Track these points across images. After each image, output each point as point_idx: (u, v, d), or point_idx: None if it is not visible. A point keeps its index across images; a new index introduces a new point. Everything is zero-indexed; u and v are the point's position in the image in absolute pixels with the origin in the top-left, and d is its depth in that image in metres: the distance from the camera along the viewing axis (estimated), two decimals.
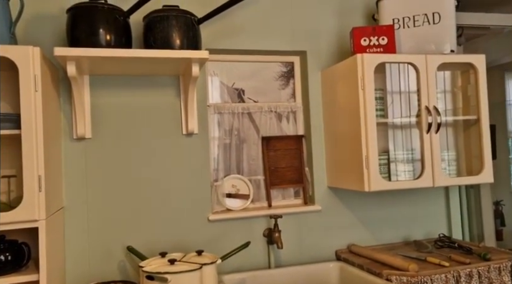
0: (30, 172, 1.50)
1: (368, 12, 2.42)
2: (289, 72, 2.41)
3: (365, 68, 1.93)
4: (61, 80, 1.93)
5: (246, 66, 2.34)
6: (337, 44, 2.37)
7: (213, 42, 2.17)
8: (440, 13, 2.09)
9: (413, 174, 2.13)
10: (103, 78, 1.99)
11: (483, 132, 2.07)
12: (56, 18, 1.93)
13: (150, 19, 1.82)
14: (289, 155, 2.32)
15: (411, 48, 2.14)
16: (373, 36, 2.05)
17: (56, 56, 1.60)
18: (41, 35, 1.91)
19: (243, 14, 2.22)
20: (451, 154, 2.23)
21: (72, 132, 1.93)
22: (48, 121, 1.65)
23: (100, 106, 1.98)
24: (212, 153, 2.23)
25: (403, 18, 2.15)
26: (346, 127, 2.07)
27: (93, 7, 1.69)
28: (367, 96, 1.93)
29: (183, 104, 2.09)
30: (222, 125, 2.27)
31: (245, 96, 2.33)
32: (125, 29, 1.79)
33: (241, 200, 2.23)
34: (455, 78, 2.38)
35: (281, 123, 2.36)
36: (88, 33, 1.68)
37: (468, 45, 3.59)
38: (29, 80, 1.51)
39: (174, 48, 1.79)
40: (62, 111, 1.93)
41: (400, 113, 2.24)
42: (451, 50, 2.09)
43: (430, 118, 1.99)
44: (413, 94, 2.20)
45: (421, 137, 2.01)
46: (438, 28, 2.09)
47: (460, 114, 2.30)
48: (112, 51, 1.66)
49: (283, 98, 2.39)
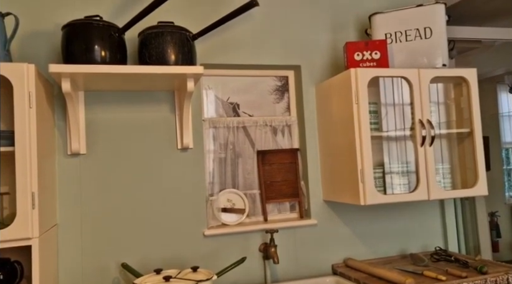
0: (24, 189, 1.49)
1: (361, 26, 2.45)
2: (283, 86, 2.43)
3: (358, 82, 1.95)
4: (55, 95, 1.93)
5: (241, 80, 2.36)
6: (330, 58, 2.39)
7: (208, 57, 2.18)
8: (432, 28, 2.12)
9: (408, 187, 2.14)
10: (97, 94, 1.99)
11: (476, 145, 2.09)
12: (52, 34, 1.94)
13: (145, 35, 1.83)
14: (284, 169, 2.32)
15: (404, 62, 2.16)
16: (366, 50, 2.07)
17: (51, 73, 1.60)
18: (36, 52, 1.91)
19: (237, 30, 2.24)
20: (445, 167, 2.24)
21: (66, 148, 1.92)
22: (42, 137, 1.64)
23: (95, 121, 1.98)
24: (207, 167, 2.23)
25: (395, 33, 2.18)
26: (340, 141, 2.08)
27: (88, 23, 1.71)
28: (361, 110, 1.94)
29: (178, 119, 2.09)
30: (217, 139, 2.27)
31: (240, 110, 2.34)
32: (120, 45, 1.80)
33: (237, 215, 2.22)
34: (448, 90, 2.40)
35: (276, 137, 2.37)
36: (83, 49, 1.68)
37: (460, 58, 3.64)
38: (23, 96, 1.51)
39: (169, 64, 1.80)
40: (56, 127, 1.92)
41: (394, 125, 2.26)
42: (443, 64, 2.12)
43: (424, 131, 2.00)
44: (407, 106, 2.22)
45: (416, 151, 2.02)
46: (430, 43, 2.12)
47: (454, 127, 2.32)
48: (107, 67, 1.67)
49: (277, 111, 2.40)
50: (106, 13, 2.03)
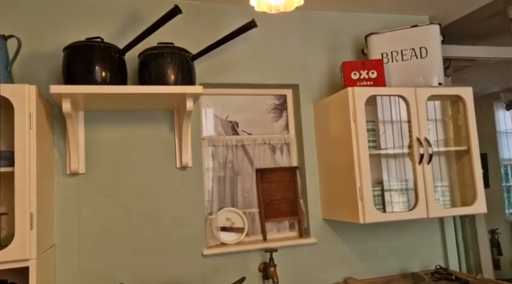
0: (22, 210, 1.48)
1: (357, 46, 2.49)
2: (282, 104, 2.45)
3: (356, 101, 1.97)
4: (56, 115, 1.94)
5: (240, 99, 2.38)
6: (328, 77, 2.42)
7: (207, 77, 2.21)
8: (427, 48, 2.16)
9: (407, 205, 2.14)
10: (97, 113, 2.01)
11: (474, 163, 2.10)
12: (53, 56, 1.97)
13: (145, 56, 1.86)
14: (283, 187, 2.33)
15: (400, 80, 2.19)
16: (363, 70, 2.10)
17: (52, 94, 1.62)
18: (37, 73, 1.93)
19: (236, 49, 2.27)
20: (444, 185, 2.24)
21: (65, 167, 1.92)
22: (42, 157, 1.65)
23: (94, 141, 1.99)
24: (206, 186, 2.23)
25: (391, 52, 2.21)
26: (339, 159, 2.08)
27: (89, 45, 1.73)
28: (359, 128, 1.96)
29: (177, 138, 2.10)
30: (216, 158, 2.28)
31: (239, 129, 2.36)
32: (120, 66, 1.82)
33: (236, 234, 2.21)
34: (445, 107, 2.42)
35: (275, 155, 2.38)
36: (83, 70, 1.71)
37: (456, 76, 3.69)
38: (24, 117, 1.52)
39: (168, 84, 1.82)
40: (56, 146, 1.93)
41: (392, 143, 2.27)
42: (439, 82, 2.15)
43: (422, 149, 2.01)
44: (404, 123, 2.24)
45: (414, 168, 2.03)
46: (425, 62, 2.16)
47: (452, 145, 2.33)
48: (107, 88, 1.69)
49: (276, 130, 2.41)
50: (107, 34, 2.06)
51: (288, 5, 1.28)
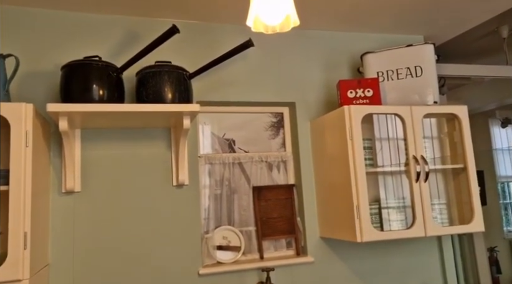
0: (16, 229, 1.47)
1: (353, 64, 2.52)
2: (278, 122, 2.46)
3: (352, 119, 1.98)
4: (52, 133, 1.94)
5: (237, 117, 2.39)
6: (324, 95, 2.44)
7: (204, 94, 2.22)
8: (422, 67, 2.19)
9: (405, 223, 2.13)
10: (94, 131, 2.01)
11: (470, 181, 2.10)
12: (51, 74, 1.98)
13: (143, 74, 1.87)
14: (280, 205, 2.31)
15: (396, 99, 2.21)
16: (359, 88, 2.12)
17: (49, 112, 1.62)
18: (34, 91, 1.94)
19: (233, 68, 2.29)
20: (441, 202, 2.23)
21: (61, 186, 1.91)
22: (37, 176, 1.64)
23: (90, 159, 1.98)
24: (202, 204, 2.21)
25: (386, 71, 2.24)
26: (336, 177, 2.08)
27: (87, 64, 1.75)
28: (355, 146, 1.96)
29: (174, 155, 2.10)
30: (212, 175, 2.27)
31: (236, 146, 2.36)
32: (118, 84, 1.83)
33: (233, 253, 2.18)
34: (441, 124, 2.44)
35: (271, 173, 2.37)
36: (81, 89, 1.71)
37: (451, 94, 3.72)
38: (20, 135, 1.52)
39: (166, 102, 1.83)
40: (52, 164, 1.92)
41: (389, 160, 2.27)
42: (434, 101, 2.17)
43: (418, 167, 2.01)
44: (400, 141, 2.25)
45: (411, 186, 2.03)
46: (420, 81, 2.18)
47: (448, 163, 2.33)
48: (104, 106, 1.69)
49: (273, 147, 2.42)
50: (105, 53, 2.08)
51: (285, 26, 1.30)
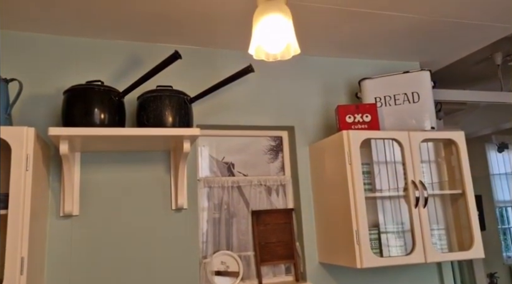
0: (13, 254, 1.45)
1: (351, 90, 2.56)
2: (277, 146, 2.47)
3: (351, 144, 2.00)
4: (52, 157, 1.94)
5: (236, 140, 2.40)
6: (323, 119, 2.46)
7: (204, 118, 2.24)
8: (419, 93, 2.22)
9: (404, 249, 2.12)
10: (94, 154, 2.01)
11: (469, 207, 2.10)
12: (52, 98, 1.99)
13: (144, 99, 1.89)
14: (279, 229, 2.30)
15: (394, 124, 2.23)
16: (357, 113, 2.15)
17: (50, 136, 1.63)
18: (36, 114, 1.95)
19: (233, 92, 2.32)
20: (440, 228, 2.23)
21: (59, 209, 1.90)
22: (36, 200, 1.63)
23: (90, 182, 1.98)
24: (201, 228, 2.20)
25: (384, 96, 2.27)
26: (335, 202, 2.08)
27: (90, 88, 1.77)
28: (354, 171, 1.97)
29: (173, 179, 2.10)
30: (211, 199, 2.27)
31: (235, 170, 2.36)
32: (119, 108, 1.85)
33: (231, 278, 2.15)
34: (438, 149, 2.45)
35: (270, 197, 2.37)
36: (83, 113, 1.73)
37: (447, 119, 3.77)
38: (21, 159, 1.52)
39: (166, 126, 1.84)
40: (50, 188, 1.91)
41: (387, 185, 2.28)
42: (431, 126, 2.19)
43: (417, 192, 2.02)
44: (399, 164, 2.26)
45: (410, 212, 2.03)
46: (418, 107, 2.21)
47: (446, 188, 2.34)
48: (105, 130, 1.70)
49: (272, 171, 2.42)
50: (107, 77, 2.10)
51: (285, 54, 1.33)
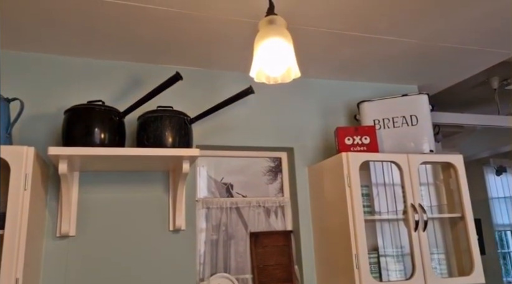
0: (8, 275, 1.43)
1: (350, 112, 2.58)
2: (277, 167, 2.47)
3: (350, 166, 2.00)
4: (50, 176, 1.93)
5: (235, 161, 2.40)
6: (322, 141, 2.47)
7: (203, 138, 2.24)
8: (417, 116, 2.24)
9: (404, 274, 2.09)
10: (92, 174, 2.00)
11: (469, 231, 2.09)
12: (52, 117, 2.00)
13: (145, 119, 1.90)
14: (277, 252, 2.27)
15: (392, 146, 2.24)
16: (356, 135, 2.16)
17: (50, 155, 1.62)
18: (36, 133, 1.95)
19: (233, 113, 2.33)
20: (440, 252, 2.21)
21: (56, 229, 1.88)
22: (33, 220, 1.61)
23: (87, 202, 1.96)
24: (198, 250, 2.17)
25: (383, 119, 2.29)
26: (334, 224, 2.07)
27: (90, 108, 1.77)
28: (353, 193, 1.96)
29: (171, 199, 2.09)
30: (209, 220, 2.25)
31: (234, 191, 2.35)
32: (119, 128, 1.85)
33: None
34: (436, 171, 2.46)
35: (269, 218, 2.35)
36: (83, 133, 1.73)
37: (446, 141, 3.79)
38: (20, 179, 1.51)
39: (166, 146, 1.84)
40: (48, 207, 1.90)
41: (386, 207, 2.27)
42: (430, 149, 2.20)
43: (417, 215, 2.01)
44: (397, 186, 2.26)
45: (410, 235, 2.01)
46: (416, 130, 2.23)
47: (445, 211, 2.33)
48: (105, 150, 1.70)
49: (271, 192, 2.41)
50: (108, 96, 2.12)
51: (286, 77, 1.34)
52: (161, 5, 1.67)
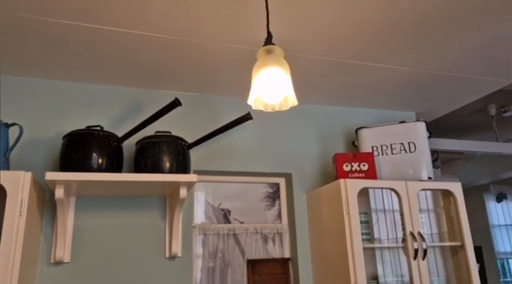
0: None
1: (348, 138, 2.58)
2: (275, 193, 2.46)
3: (348, 193, 1.99)
4: (46, 201, 1.92)
5: (233, 186, 2.39)
6: (320, 167, 2.47)
7: (201, 164, 2.24)
8: (415, 143, 2.25)
9: None
10: (89, 199, 1.99)
11: (469, 260, 2.06)
12: (51, 142, 2.00)
13: (143, 144, 1.90)
14: (275, 280, 2.23)
15: (391, 173, 2.24)
16: (354, 162, 2.16)
17: (47, 180, 1.62)
18: (33, 157, 1.95)
19: (231, 138, 2.34)
20: (441, 281, 2.17)
21: (50, 256, 1.85)
22: (28, 246, 1.59)
23: (83, 228, 1.94)
24: (194, 277, 2.13)
25: (381, 146, 2.29)
26: (332, 252, 2.04)
27: (89, 133, 1.78)
28: (352, 221, 1.95)
29: (168, 225, 2.07)
30: (206, 247, 2.22)
31: (231, 217, 2.33)
32: (117, 153, 1.85)
33: None
34: (436, 197, 2.44)
35: (267, 245, 2.32)
36: (81, 157, 1.73)
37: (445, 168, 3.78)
38: (16, 204, 1.50)
39: (163, 172, 1.84)
40: (43, 233, 1.88)
41: (386, 234, 2.24)
42: (428, 177, 2.20)
43: (416, 243, 1.98)
44: (396, 212, 2.24)
45: (409, 264, 1.98)
46: (414, 157, 2.23)
47: (446, 239, 2.30)
48: (102, 175, 1.70)
49: (268, 218, 2.39)
50: (107, 121, 2.12)
51: (283, 105, 1.36)
52: (160, 32, 1.71)
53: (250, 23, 1.67)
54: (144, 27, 1.65)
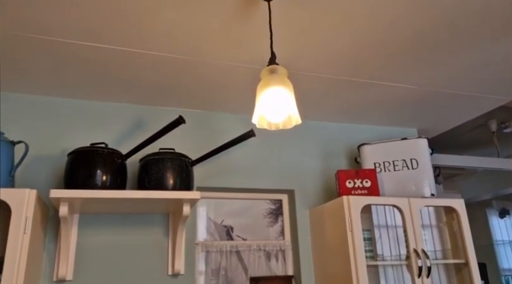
0: None
1: (351, 154, 2.59)
2: (277, 209, 2.45)
3: (351, 210, 1.99)
4: (50, 218, 1.92)
5: (236, 203, 2.39)
6: (323, 183, 2.47)
7: (204, 180, 2.24)
8: (417, 159, 2.25)
9: None
10: (92, 217, 1.99)
11: (473, 278, 2.05)
12: (56, 159, 2.01)
13: (146, 161, 1.91)
14: None
15: (393, 189, 2.24)
16: (357, 178, 2.16)
17: (51, 198, 1.62)
18: (38, 175, 1.96)
19: (234, 155, 2.35)
20: None
21: (52, 274, 1.84)
22: (31, 263, 1.59)
23: (86, 245, 1.94)
24: None
25: (383, 162, 2.30)
26: (336, 269, 2.03)
27: (93, 151, 1.79)
28: (355, 238, 1.94)
29: (171, 243, 2.06)
30: (209, 264, 2.21)
31: (234, 234, 2.32)
32: (121, 170, 1.86)
33: None
34: (439, 213, 2.43)
35: (270, 262, 2.31)
36: (85, 175, 1.74)
37: (447, 183, 3.78)
38: (20, 222, 1.51)
39: (167, 189, 1.84)
40: (46, 250, 1.87)
41: (389, 251, 2.23)
42: (431, 193, 2.20)
43: (420, 261, 1.97)
44: (399, 228, 2.23)
45: (413, 282, 1.96)
46: (417, 173, 2.23)
47: (449, 256, 2.29)
48: (106, 193, 1.70)
49: (271, 235, 2.38)
50: (111, 139, 2.14)
51: (287, 124, 1.37)
52: (165, 51, 1.73)
53: (253, 43, 1.70)
54: (149, 46, 1.68)
